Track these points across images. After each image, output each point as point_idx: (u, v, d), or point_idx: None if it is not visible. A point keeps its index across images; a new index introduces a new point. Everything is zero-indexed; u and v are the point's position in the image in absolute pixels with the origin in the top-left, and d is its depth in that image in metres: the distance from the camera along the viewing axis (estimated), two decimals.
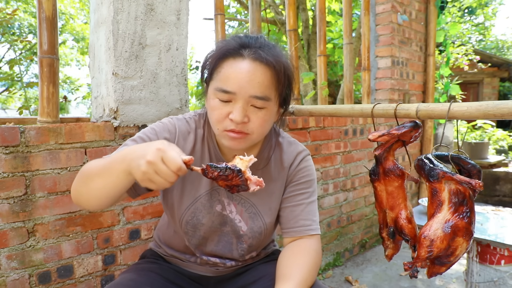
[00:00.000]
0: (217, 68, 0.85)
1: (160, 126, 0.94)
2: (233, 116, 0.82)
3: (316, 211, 1.00)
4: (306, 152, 1.03)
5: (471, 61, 5.89)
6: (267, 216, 0.99)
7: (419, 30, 3.20)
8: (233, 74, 0.82)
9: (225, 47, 0.85)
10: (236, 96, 0.82)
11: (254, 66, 0.82)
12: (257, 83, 0.82)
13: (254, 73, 0.82)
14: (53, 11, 1.24)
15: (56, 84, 1.26)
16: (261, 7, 2.11)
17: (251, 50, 0.84)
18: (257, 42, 0.86)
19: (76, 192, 0.83)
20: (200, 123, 0.99)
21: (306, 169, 1.01)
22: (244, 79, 0.81)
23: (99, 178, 0.78)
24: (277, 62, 0.85)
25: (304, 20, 4.57)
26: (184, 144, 0.95)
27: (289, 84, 0.91)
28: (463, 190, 0.85)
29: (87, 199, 0.82)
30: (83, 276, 1.30)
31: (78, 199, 0.84)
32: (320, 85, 2.31)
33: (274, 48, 0.87)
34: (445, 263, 0.88)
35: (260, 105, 0.84)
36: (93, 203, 0.82)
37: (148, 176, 0.69)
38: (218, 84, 0.84)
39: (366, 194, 2.70)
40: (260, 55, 0.83)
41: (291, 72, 0.90)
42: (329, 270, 2.37)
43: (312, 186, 1.01)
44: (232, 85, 0.82)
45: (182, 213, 0.96)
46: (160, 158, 0.68)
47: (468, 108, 0.89)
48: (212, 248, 1.00)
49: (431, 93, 3.27)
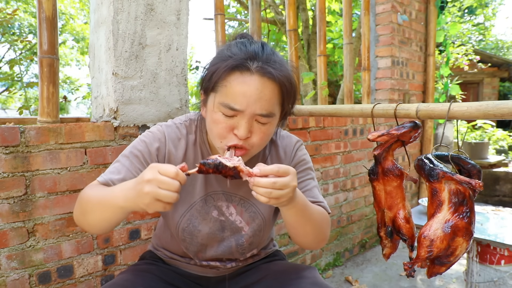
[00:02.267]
0: (223, 82, 0.81)
1: (150, 136, 0.93)
2: (238, 132, 0.81)
3: (320, 195, 1.00)
4: (299, 142, 1.06)
5: (471, 61, 5.89)
6: (266, 212, 0.99)
7: (419, 30, 3.20)
8: (241, 91, 0.79)
9: (231, 61, 0.81)
10: (242, 114, 0.81)
11: (262, 82, 0.80)
12: (264, 101, 0.81)
13: (262, 91, 0.80)
14: (53, 11, 1.24)
15: (56, 84, 1.26)
16: (261, 7, 2.11)
17: (259, 63, 0.81)
18: (265, 54, 0.83)
19: (77, 220, 0.89)
20: (192, 128, 0.97)
21: (302, 157, 1.03)
22: (252, 97, 0.79)
23: (96, 212, 0.82)
24: (286, 80, 0.83)
25: (304, 20, 4.57)
26: (175, 151, 0.94)
27: (294, 99, 0.90)
28: (463, 190, 0.85)
29: (88, 228, 0.87)
30: (83, 276, 1.30)
31: (81, 226, 0.89)
32: (320, 85, 2.31)
33: (282, 63, 0.85)
34: (445, 263, 0.88)
35: (264, 121, 0.83)
36: (95, 231, 0.88)
37: (153, 194, 0.68)
38: (224, 99, 0.81)
39: (366, 194, 2.70)
40: (268, 71, 0.81)
41: (295, 87, 0.89)
42: (329, 270, 2.37)
43: (311, 173, 1.02)
44: (240, 103, 0.79)
45: (178, 220, 0.96)
46: (156, 172, 0.69)
47: (468, 108, 0.89)
48: (212, 253, 1.00)
49: (431, 93, 3.27)
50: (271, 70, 0.81)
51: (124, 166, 0.89)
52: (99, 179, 0.88)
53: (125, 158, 0.90)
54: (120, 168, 0.89)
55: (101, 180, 0.87)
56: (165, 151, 0.93)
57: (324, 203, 0.98)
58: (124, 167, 0.89)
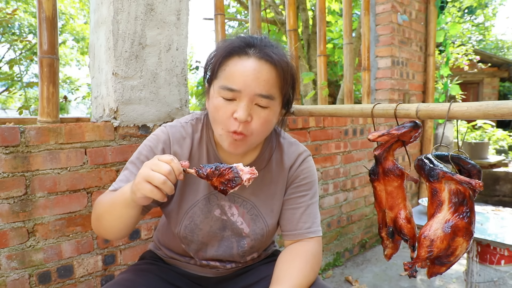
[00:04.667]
0: (222, 67, 0.84)
1: (154, 140, 0.94)
2: (237, 114, 0.81)
3: (317, 212, 0.99)
4: (307, 153, 1.02)
5: (471, 61, 5.89)
6: (269, 218, 0.98)
7: (419, 30, 3.20)
8: (239, 72, 0.81)
9: (230, 46, 0.84)
10: (241, 94, 0.81)
11: (259, 64, 0.82)
12: (262, 81, 0.82)
13: (260, 71, 0.82)
14: (53, 11, 1.24)
15: (56, 84, 1.26)
16: (261, 7, 2.11)
17: (257, 49, 0.83)
18: (262, 42, 0.86)
19: (94, 227, 0.92)
20: (198, 127, 0.98)
21: (306, 170, 1.00)
22: (249, 77, 0.81)
23: (107, 215, 0.85)
24: (282, 62, 0.85)
25: (304, 20, 4.57)
26: (181, 150, 0.94)
27: (293, 84, 0.91)
28: (463, 190, 0.85)
29: (104, 233, 0.90)
30: (83, 276, 1.30)
31: (98, 232, 0.92)
32: (320, 85, 2.31)
33: (278, 48, 0.87)
34: (445, 263, 0.88)
35: (264, 104, 0.83)
36: (111, 235, 0.89)
37: (143, 175, 0.71)
38: (223, 82, 0.83)
39: (366, 194, 2.70)
40: (266, 53, 0.83)
41: (295, 73, 0.90)
42: (329, 270, 2.37)
43: (313, 188, 1.00)
44: (237, 83, 0.81)
45: (181, 218, 0.96)
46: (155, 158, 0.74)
47: (468, 108, 0.89)
48: (213, 253, 1.00)
49: (431, 93, 3.27)
50: (269, 53, 0.83)
51: (132, 173, 0.91)
52: (110, 188, 0.92)
53: (132, 164, 0.93)
54: (128, 175, 0.91)
55: (112, 189, 0.91)
56: (170, 152, 0.94)
57: (313, 227, 0.96)
58: (132, 174, 0.91)
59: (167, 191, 0.71)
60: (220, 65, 0.85)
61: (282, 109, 0.94)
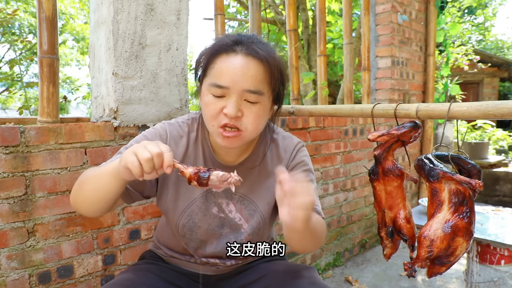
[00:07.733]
0: (211, 65, 0.86)
1: (152, 132, 0.96)
2: (227, 110, 0.83)
3: (317, 199, 1.00)
4: (301, 143, 1.05)
5: (471, 61, 5.89)
6: (265, 211, 1.00)
7: (419, 30, 3.20)
8: (226, 68, 0.83)
9: (218, 44, 0.87)
10: (229, 91, 0.83)
11: (247, 60, 0.84)
12: (250, 77, 0.83)
13: (247, 67, 0.83)
14: (53, 11, 1.24)
15: (56, 84, 1.26)
16: (261, 7, 2.11)
17: (244, 46, 0.85)
18: (250, 39, 0.87)
19: (72, 196, 0.89)
20: (194, 126, 0.99)
21: (302, 159, 1.02)
22: (237, 74, 0.82)
23: (91, 181, 0.83)
24: (270, 57, 0.86)
25: (304, 20, 4.57)
26: (176, 149, 0.95)
27: (282, 79, 0.93)
28: (463, 190, 0.85)
29: (81, 202, 0.87)
30: (83, 276, 1.30)
31: (74, 203, 0.89)
32: (320, 85, 2.31)
33: (266, 45, 0.89)
34: (445, 263, 0.88)
35: (253, 100, 0.85)
36: (87, 207, 0.86)
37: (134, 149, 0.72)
38: (212, 79, 0.85)
39: (366, 194, 2.70)
40: (253, 50, 0.84)
41: (283, 68, 0.92)
42: (329, 270, 2.37)
43: (310, 175, 1.01)
44: (225, 79, 0.83)
45: (178, 216, 0.96)
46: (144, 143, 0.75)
47: (468, 108, 0.89)
48: (212, 251, 1.00)
49: (431, 93, 3.27)
50: (255, 49, 0.84)
51: None
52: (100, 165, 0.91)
53: (125, 150, 0.92)
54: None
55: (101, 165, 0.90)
56: None
57: (319, 207, 0.97)
58: None
59: (146, 170, 0.71)
60: (209, 63, 0.87)
61: (274, 105, 0.96)
